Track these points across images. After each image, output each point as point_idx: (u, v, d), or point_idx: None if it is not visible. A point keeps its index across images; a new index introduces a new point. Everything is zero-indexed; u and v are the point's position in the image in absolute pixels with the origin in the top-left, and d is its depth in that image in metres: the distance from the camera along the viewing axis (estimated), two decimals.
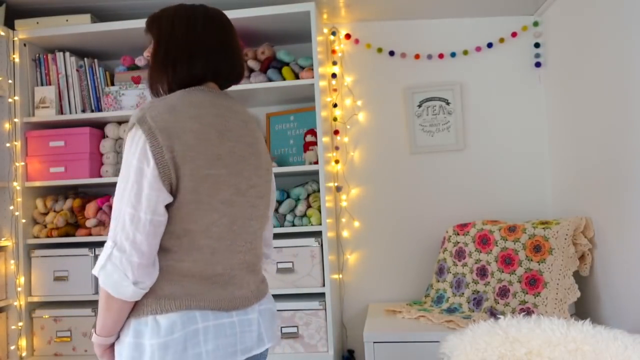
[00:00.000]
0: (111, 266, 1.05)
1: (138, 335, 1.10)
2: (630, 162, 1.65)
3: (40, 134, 2.32)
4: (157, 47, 1.23)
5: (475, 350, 1.46)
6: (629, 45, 1.63)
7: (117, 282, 1.06)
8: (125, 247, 1.05)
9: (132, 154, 1.08)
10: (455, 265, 2.23)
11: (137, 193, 1.06)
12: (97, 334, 1.14)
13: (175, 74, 1.20)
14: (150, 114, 1.10)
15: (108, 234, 1.09)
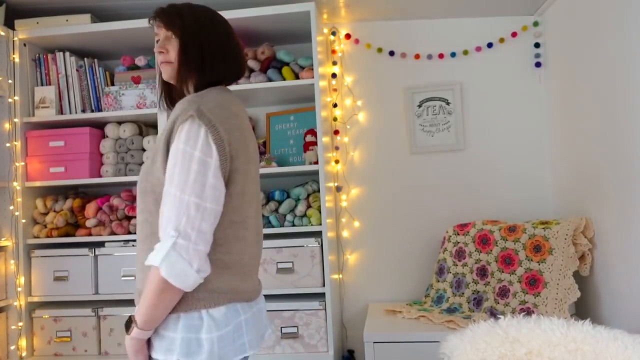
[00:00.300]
0: (175, 255, 1.07)
1: (192, 330, 1.13)
2: (630, 162, 1.65)
3: (40, 134, 2.32)
4: (186, 46, 1.26)
5: (475, 350, 1.46)
6: (629, 45, 1.63)
7: (181, 271, 1.07)
8: (192, 236, 1.08)
9: (191, 145, 1.12)
10: (455, 265, 2.23)
11: (202, 183, 1.10)
12: (140, 327, 1.12)
13: (204, 74, 1.26)
14: (206, 107, 1.15)
15: (162, 225, 1.11)
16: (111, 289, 2.24)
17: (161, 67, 1.29)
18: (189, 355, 1.11)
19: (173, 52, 1.27)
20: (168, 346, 1.12)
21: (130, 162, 2.31)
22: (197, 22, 1.28)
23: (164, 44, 1.28)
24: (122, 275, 2.23)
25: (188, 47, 1.26)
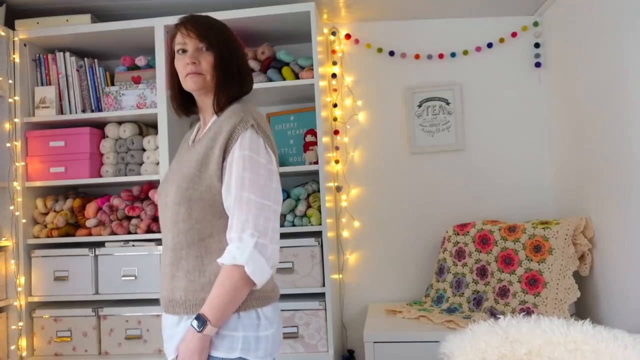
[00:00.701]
0: (257, 254, 1.16)
1: (251, 329, 1.22)
2: (630, 162, 1.65)
3: (41, 134, 2.32)
4: (223, 59, 1.31)
5: (475, 351, 1.46)
6: (629, 45, 1.63)
7: (262, 269, 1.17)
8: (269, 235, 1.18)
9: (255, 152, 1.22)
10: (455, 265, 2.23)
11: (269, 188, 1.22)
12: (214, 325, 1.17)
13: (242, 87, 1.35)
14: (256, 119, 1.26)
15: (236, 226, 1.18)
16: (111, 289, 2.24)
17: (189, 78, 1.29)
18: (250, 352, 1.20)
19: (206, 64, 1.29)
20: (230, 344, 1.19)
21: (130, 162, 2.31)
22: (228, 36, 1.34)
23: (195, 55, 1.29)
24: (122, 275, 2.23)
25: (225, 60, 1.31)
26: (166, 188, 1.32)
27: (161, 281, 1.32)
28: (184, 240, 1.25)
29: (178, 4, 2.32)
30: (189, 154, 1.32)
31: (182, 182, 1.26)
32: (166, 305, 1.28)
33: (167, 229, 1.29)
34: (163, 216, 1.32)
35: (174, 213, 1.26)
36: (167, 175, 1.37)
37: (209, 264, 1.24)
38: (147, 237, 2.22)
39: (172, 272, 1.26)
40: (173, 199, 1.26)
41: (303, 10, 2.14)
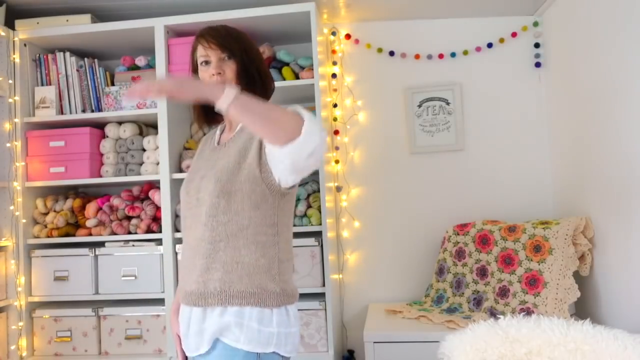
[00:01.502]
0: (320, 133, 1.18)
1: (283, 325, 1.28)
2: (630, 163, 1.65)
3: (41, 134, 2.32)
4: (246, 68, 1.36)
5: (475, 351, 1.46)
6: (629, 45, 1.63)
7: (314, 134, 1.17)
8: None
9: None
10: (455, 265, 2.23)
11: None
12: (233, 97, 1.14)
13: (266, 92, 1.42)
14: None
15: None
16: (111, 289, 2.24)
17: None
18: (281, 347, 1.26)
19: (230, 72, 1.35)
20: (267, 339, 1.24)
21: (130, 162, 2.31)
22: (247, 43, 1.39)
23: (219, 65, 1.35)
24: (122, 275, 2.23)
25: (246, 67, 1.36)
26: (199, 184, 1.34)
27: (187, 275, 1.33)
28: (224, 232, 1.28)
29: (178, 4, 2.32)
30: (221, 152, 1.36)
31: (223, 174, 1.29)
32: (195, 298, 1.29)
33: (202, 222, 1.30)
34: (195, 212, 1.33)
35: (212, 206, 1.28)
36: (193, 174, 1.40)
37: (246, 256, 1.28)
38: (147, 237, 2.22)
39: (207, 264, 1.28)
40: (212, 192, 1.28)
41: (303, 10, 2.14)
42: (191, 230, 1.34)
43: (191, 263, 1.33)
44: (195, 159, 1.48)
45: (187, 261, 1.35)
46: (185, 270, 1.35)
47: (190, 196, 1.37)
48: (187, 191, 1.39)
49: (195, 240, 1.32)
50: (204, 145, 1.50)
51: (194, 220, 1.33)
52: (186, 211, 1.38)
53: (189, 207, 1.37)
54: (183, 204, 1.41)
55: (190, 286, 1.31)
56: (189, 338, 1.31)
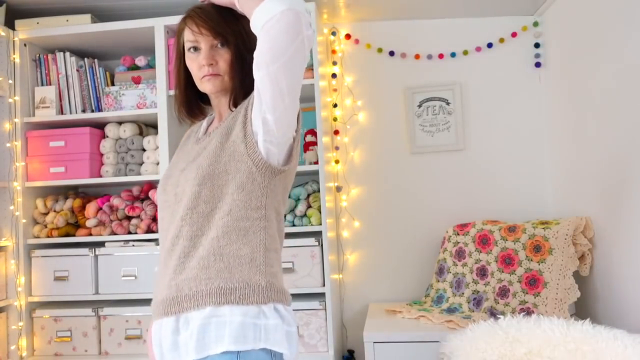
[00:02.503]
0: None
1: (289, 324, 1.13)
2: (630, 162, 1.65)
3: (41, 134, 2.32)
4: (242, 57, 1.18)
5: (475, 350, 1.46)
6: (629, 45, 1.63)
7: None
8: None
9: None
10: (455, 265, 2.23)
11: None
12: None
13: None
14: None
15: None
16: (111, 289, 2.24)
17: (207, 80, 1.17)
18: (291, 345, 1.11)
19: (223, 63, 1.17)
20: (281, 337, 1.09)
21: (130, 162, 2.31)
22: (242, 27, 1.19)
23: (211, 54, 1.17)
24: (122, 275, 2.23)
25: (243, 56, 1.18)
26: (177, 178, 1.18)
27: (157, 283, 1.16)
28: (205, 224, 1.12)
29: (178, 4, 2.32)
30: (205, 141, 1.20)
31: (204, 160, 1.13)
32: (165, 306, 1.10)
33: (180, 217, 1.13)
34: (174, 209, 1.16)
35: (192, 197, 1.11)
36: (171, 170, 1.23)
37: (226, 246, 1.10)
38: (147, 237, 2.22)
39: (182, 264, 1.11)
40: (192, 180, 1.12)
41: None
42: (167, 232, 1.16)
43: (163, 268, 1.15)
44: (175, 153, 1.31)
45: (160, 269, 1.16)
46: (160, 276, 1.16)
47: (167, 193, 1.19)
48: (163, 189, 1.21)
49: (170, 241, 1.14)
50: (187, 138, 1.34)
51: (171, 220, 1.16)
52: (163, 211, 1.20)
53: (166, 206, 1.19)
54: (160, 204, 1.22)
55: (160, 294, 1.13)
56: (165, 354, 1.10)
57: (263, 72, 1.03)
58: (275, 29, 0.99)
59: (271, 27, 0.99)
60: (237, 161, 1.12)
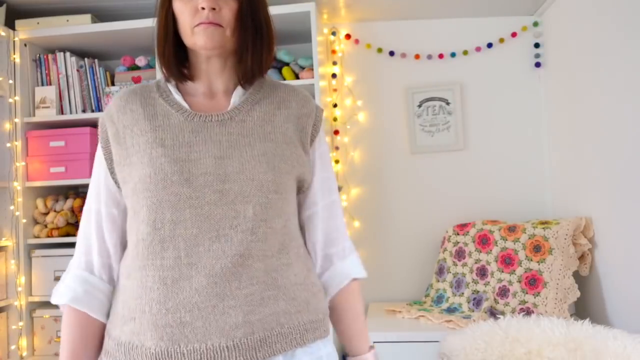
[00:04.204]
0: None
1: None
2: (630, 162, 1.65)
3: (41, 134, 2.32)
4: (255, 12, 0.96)
5: (475, 350, 1.46)
6: (629, 45, 1.63)
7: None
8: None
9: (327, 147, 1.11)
10: (455, 265, 2.23)
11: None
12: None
13: (273, 47, 1.01)
14: None
15: (343, 233, 1.06)
16: None
17: (202, 30, 0.91)
18: None
19: (228, 12, 0.92)
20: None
21: None
22: None
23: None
24: None
25: (254, 10, 0.95)
26: (215, 168, 0.89)
27: (202, 319, 0.85)
28: (276, 244, 0.92)
29: None
30: (235, 125, 0.94)
31: (275, 160, 0.92)
32: (253, 346, 0.87)
33: (243, 230, 0.88)
34: (218, 212, 0.88)
35: (263, 206, 0.89)
36: (185, 151, 0.90)
37: (300, 273, 0.96)
38: None
39: (260, 293, 0.89)
40: (262, 183, 0.90)
41: (303, 10, 2.14)
42: (210, 243, 0.87)
43: (216, 297, 0.86)
44: (152, 127, 0.93)
45: (195, 296, 0.86)
46: (191, 313, 0.85)
47: (194, 186, 0.88)
48: (185, 178, 0.88)
49: (230, 260, 0.86)
50: (154, 108, 0.96)
51: (210, 226, 0.87)
52: (180, 212, 0.87)
53: (189, 205, 0.87)
54: (173, 199, 0.88)
55: (224, 334, 0.85)
56: None
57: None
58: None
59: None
60: (296, 174, 0.97)
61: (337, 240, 1.03)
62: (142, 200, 0.89)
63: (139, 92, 1.00)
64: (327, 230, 1.02)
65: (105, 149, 0.97)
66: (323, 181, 1.02)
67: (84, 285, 0.95)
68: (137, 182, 0.90)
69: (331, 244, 1.03)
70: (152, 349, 0.85)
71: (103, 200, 0.97)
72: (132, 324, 0.89)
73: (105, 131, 0.98)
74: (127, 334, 0.89)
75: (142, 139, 0.92)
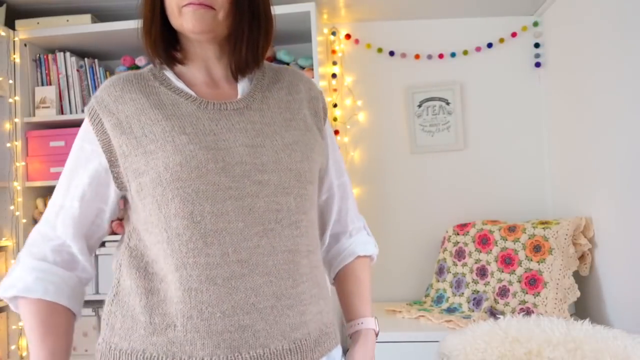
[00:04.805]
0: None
1: None
2: (630, 162, 1.65)
3: (41, 134, 2.32)
4: (264, 5, 0.90)
5: (475, 350, 1.46)
6: (629, 45, 1.63)
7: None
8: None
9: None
10: (455, 265, 2.23)
11: None
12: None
13: (271, 35, 0.93)
14: None
15: (355, 214, 1.08)
16: None
17: (191, 11, 0.83)
18: None
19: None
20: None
21: None
22: None
23: None
24: None
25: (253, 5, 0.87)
26: (249, 157, 0.82)
27: (263, 317, 0.80)
28: (314, 238, 0.91)
29: None
30: (253, 114, 0.87)
31: (307, 149, 0.88)
32: (310, 348, 0.84)
33: (289, 223, 0.83)
34: (254, 203, 0.81)
35: (303, 198, 0.85)
36: (214, 142, 0.82)
37: (319, 273, 0.92)
38: None
39: (309, 291, 0.86)
40: (300, 174, 0.84)
41: (303, 10, 2.14)
42: (259, 239, 0.80)
43: (273, 297, 0.80)
44: (165, 115, 0.85)
45: (251, 297, 0.79)
46: (250, 315, 0.79)
47: (230, 175, 0.80)
48: (222, 167, 0.80)
49: (282, 256, 0.82)
50: (158, 96, 0.89)
51: (260, 219, 0.81)
52: (221, 203, 0.79)
53: (229, 196, 0.79)
54: (211, 190, 0.79)
55: (285, 337, 0.81)
56: None
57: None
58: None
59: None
60: (321, 173, 0.96)
61: (346, 220, 1.03)
62: (171, 191, 0.79)
63: (134, 80, 0.93)
64: (338, 211, 1.02)
65: (103, 142, 0.88)
66: (335, 162, 1.01)
67: (34, 272, 0.84)
68: (163, 172, 0.79)
69: (340, 224, 1.03)
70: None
71: (78, 195, 0.88)
72: (172, 332, 0.78)
73: (99, 122, 0.89)
74: (161, 345, 0.78)
75: (156, 128, 0.83)
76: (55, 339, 0.83)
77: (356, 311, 0.99)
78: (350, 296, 1.00)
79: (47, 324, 0.83)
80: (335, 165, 1.00)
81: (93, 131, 0.91)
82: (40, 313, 0.83)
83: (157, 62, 0.94)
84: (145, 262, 0.84)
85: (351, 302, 1.00)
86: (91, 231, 0.90)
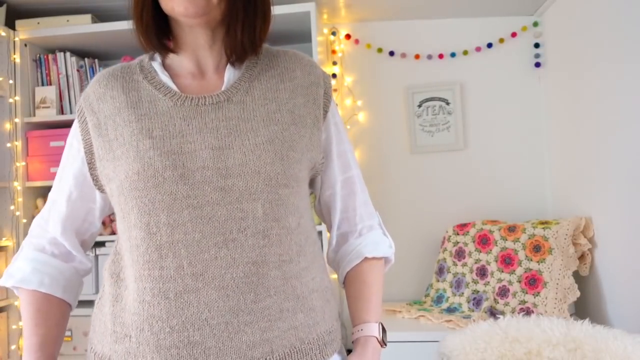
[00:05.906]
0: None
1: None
2: (630, 162, 1.65)
3: (41, 134, 2.32)
4: None
5: (475, 350, 1.46)
6: (629, 45, 1.63)
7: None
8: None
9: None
10: (455, 265, 2.23)
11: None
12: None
13: (268, 24, 0.88)
14: None
15: (368, 212, 0.97)
16: None
17: None
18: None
19: None
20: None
21: None
22: None
23: None
24: None
25: None
26: (214, 161, 0.77)
27: (215, 338, 0.75)
28: (294, 246, 0.82)
29: None
30: (234, 108, 0.82)
31: (284, 147, 0.80)
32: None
33: (255, 232, 0.77)
34: (216, 211, 0.76)
35: (275, 204, 0.78)
36: (176, 142, 0.79)
37: (317, 277, 0.87)
38: None
39: (278, 305, 0.79)
40: (269, 176, 0.78)
41: (303, 10, 2.14)
42: (217, 250, 0.75)
43: (229, 312, 0.75)
44: (137, 117, 0.82)
45: (204, 312, 0.75)
46: (201, 332, 0.75)
47: (189, 183, 0.76)
48: (180, 174, 0.76)
49: (235, 269, 0.76)
50: (138, 93, 0.87)
51: (214, 229, 0.76)
52: (177, 213, 0.76)
53: (187, 205, 0.76)
54: (167, 199, 0.76)
55: (240, 355, 0.75)
56: None
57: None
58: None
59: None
60: (311, 160, 0.86)
61: (355, 218, 0.93)
62: (130, 200, 0.77)
63: (119, 75, 0.91)
64: (344, 209, 0.93)
65: (85, 142, 0.86)
66: (340, 156, 0.92)
67: (32, 263, 0.89)
68: (124, 180, 0.78)
69: (348, 222, 0.94)
70: None
71: (65, 195, 0.88)
72: (128, 342, 0.77)
73: (85, 121, 0.87)
74: (120, 354, 0.78)
75: (126, 130, 0.81)
76: (47, 328, 0.87)
77: (358, 317, 0.95)
78: (354, 301, 0.96)
79: (40, 313, 0.87)
80: (340, 159, 0.92)
81: (79, 130, 0.89)
82: (35, 303, 0.87)
83: (149, 50, 0.91)
84: (120, 267, 0.85)
85: (354, 307, 0.96)
86: (83, 228, 0.92)
